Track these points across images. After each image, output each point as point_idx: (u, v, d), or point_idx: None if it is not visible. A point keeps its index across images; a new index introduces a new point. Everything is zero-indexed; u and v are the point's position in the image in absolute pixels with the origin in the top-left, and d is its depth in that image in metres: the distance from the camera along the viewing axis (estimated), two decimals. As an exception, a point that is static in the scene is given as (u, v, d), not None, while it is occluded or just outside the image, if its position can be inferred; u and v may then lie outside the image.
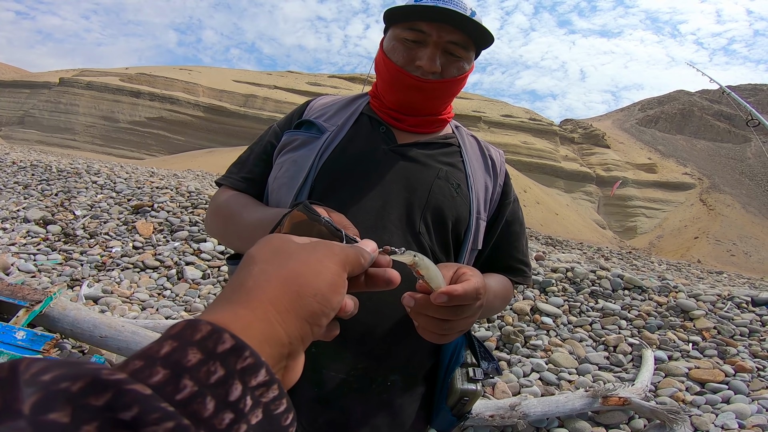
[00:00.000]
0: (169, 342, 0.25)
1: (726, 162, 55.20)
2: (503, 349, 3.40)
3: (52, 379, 0.20)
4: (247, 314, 0.30)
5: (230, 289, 0.33)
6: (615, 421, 2.57)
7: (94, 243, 4.30)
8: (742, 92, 74.19)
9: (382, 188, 0.79)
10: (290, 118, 0.94)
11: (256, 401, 0.25)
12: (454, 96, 0.89)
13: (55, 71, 52.89)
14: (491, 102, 55.79)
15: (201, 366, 0.24)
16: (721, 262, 28.33)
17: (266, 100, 48.06)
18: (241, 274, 0.35)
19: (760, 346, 3.54)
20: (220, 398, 0.23)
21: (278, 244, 0.38)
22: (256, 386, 0.26)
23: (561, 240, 17.17)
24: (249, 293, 0.32)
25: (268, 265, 0.35)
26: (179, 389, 0.23)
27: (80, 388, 0.20)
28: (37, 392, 0.19)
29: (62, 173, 6.47)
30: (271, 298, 0.32)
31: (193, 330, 0.26)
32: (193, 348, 0.25)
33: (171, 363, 0.23)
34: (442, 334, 0.58)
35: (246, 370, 0.26)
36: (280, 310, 0.32)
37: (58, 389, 0.19)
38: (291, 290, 0.33)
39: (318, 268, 0.35)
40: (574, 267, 4.51)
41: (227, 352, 0.25)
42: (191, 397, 0.22)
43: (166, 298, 3.61)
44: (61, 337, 2.48)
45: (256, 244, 0.39)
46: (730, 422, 2.57)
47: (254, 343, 0.29)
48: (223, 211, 0.85)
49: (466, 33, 0.81)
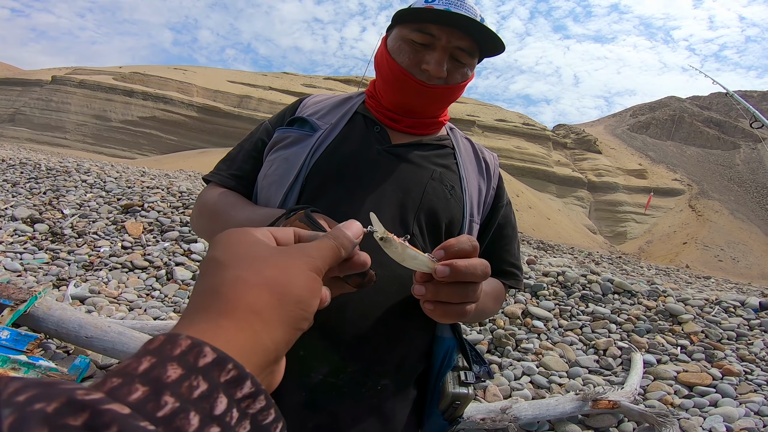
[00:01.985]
0: (148, 358, 0.24)
1: (715, 168, 56.04)
2: (494, 352, 3.40)
3: (27, 400, 0.19)
4: (230, 325, 0.29)
5: (203, 296, 0.32)
6: (605, 425, 2.58)
7: (82, 242, 4.24)
8: (732, 98, 75.39)
9: (375, 189, 0.78)
10: (282, 115, 0.92)
11: (242, 413, 0.25)
12: (453, 101, 0.89)
13: (48, 69, 52.32)
14: (485, 106, 56.13)
15: (182, 381, 0.24)
16: (709, 268, 28.70)
17: (261, 101, 47.90)
18: (212, 280, 0.33)
19: (748, 349, 3.58)
20: (204, 413, 0.23)
21: (246, 245, 0.36)
22: (242, 398, 0.25)
23: (552, 244, 17.29)
24: (228, 302, 0.31)
25: (242, 270, 0.33)
26: (160, 406, 0.22)
27: (55, 408, 0.19)
28: (13, 413, 0.19)
29: (51, 171, 6.38)
30: (253, 307, 0.31)
31: (173, 345, 0.25)
32: (173, 363, 0.24)
33: (150, 380, 0.23)
34: (457, 313, 0.56)
35: (230, 382, 0.25)
36: (264, 318, 0.31)
37: (33, 410, 0.19)
38: (272, 298, 0.32)
39: (295, 272, 0.34)
40: (565, 271, 4.53)
41: (209, 365, 0.25)
42: (173, 414, 0.22)
43: (155, 299, 3.57)
44: (45, 337, 2.43)
45: (216, 243, 0.37)
46: (718, 425, 2.59)
47: (241, 354, 0.28)
48: (210, 209, 0.82)
49: (475, 40, 0.80)
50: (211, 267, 0.34)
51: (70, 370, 2.08)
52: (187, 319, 0.30)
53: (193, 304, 0.32)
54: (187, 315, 0.31)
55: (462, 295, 0.54)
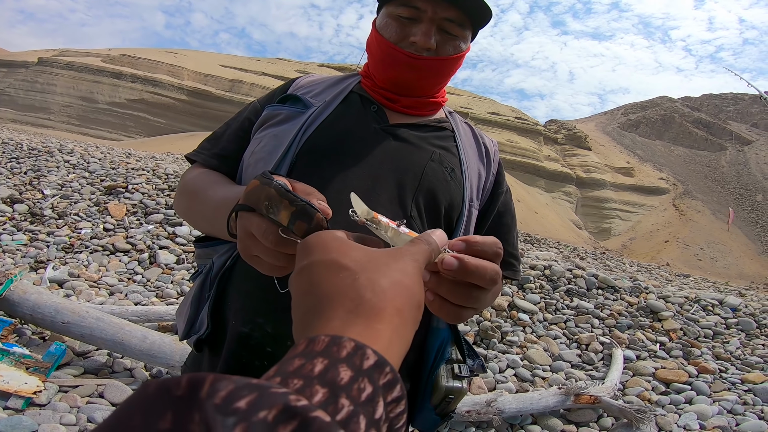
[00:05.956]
0: (320, 359, 0.25)
1: (700, 169, 57.03)
2: (480, 344, 3.43)
3: (250, 407, 0.19)
4: (384, 329, 0.30)
5: (340, 298, 0.32)
6: (585, 419, 2.63)
7: (63, 224, 4.13)
8: (723, 100, 76.59)
9: (372, 168, 0.75)
10: (273, 94, 0.89)
11: (387, 416, 0.25)
12: (449, 77, 0.86)
13: (35, 51, 50.76)
14: (479, 99, 56.04)
15: (353, 383, 0.24)
16: (689, 266, 29.37)
17: (253, 86, 47.05)
18: (341, 282, 0.33)
19: (723, 348, 3.67)
20: (368, 416, 0.23)
21: (352, 248, 0.37)
22: (390, 401, 0.26)
23: (539, 238, 17.48)
24: (373, 306, 0.31)
25: (371, 273, 0.34)
26: (338, 409, 0.22)
27: (275, 416, 0.19)
28: (240, 423, 0.18)
29: (33, 152, 6.19)
30: (396, 310, 0.32)
31: (339, 347, 0.26)
32: (343, 365, 0.25)
33: (327, 382, 0.23)
34: (453, 314, 0.49)
35: (386, 385, 0.26)
36: (404, 320, 0.32)
37: (258, 420, 0.19)
38: (405, 300, 0.33)
39: (412, 273, 0.36)
40: (551, 265, 4.57)
41: (372, 368, 0.25)
42: (348, 418, 0.22)
43: (137, 283, 3.50)
44: (20, 322, 2.37)
45: (314, 246, 0.37)
46: (692, 423, 2.65)
47: (393, 358, 0.29)
48: (189, 189, 0.79)
49: (462, 9, 0.78)
50: (332, 268, 0.35)
51: (45, 357, 2.03)
52: (338, 319, 0.30)
53: (328, 302, 0.32)
54: (328, 312, 0.31)
55: (463, 297, 0.47)
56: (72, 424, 1.86)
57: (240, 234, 0.50)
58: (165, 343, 2.27)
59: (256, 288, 0.70)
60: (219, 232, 0.70)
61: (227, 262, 0.75)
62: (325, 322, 0.30)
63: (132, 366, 2.37)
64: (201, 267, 0.83)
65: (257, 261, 0.49)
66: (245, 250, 0.50)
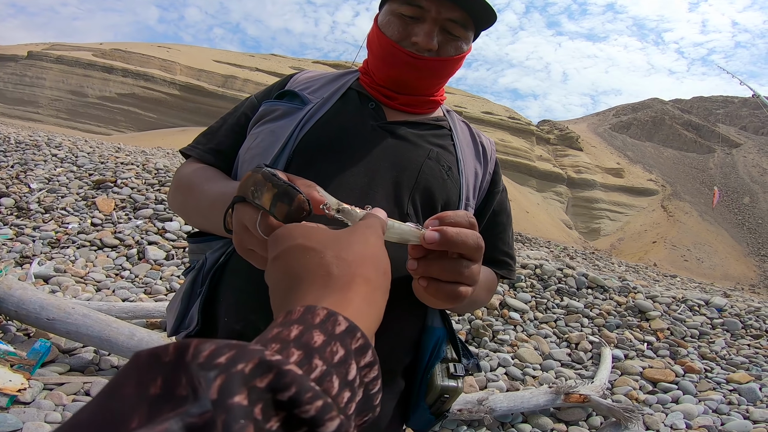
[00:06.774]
0: (296, 326, 0.26)
1: (689, 171, 57.86)
2: (472, 342, 3.44)
3: (229, 362, 0.20)
4: (354, 297, 0.32)
5: (310, 274, 0.34)
6: (574, 418, 2.65)
7: (49, 218, 4.05)
8: (713, 103, 77.67)
9: (368, 165, 0.74)
10: (270, 90, 0.88)
11: (361, 381, 0.27)
12: (448, 77, 0.86)
13: (25, 45, 49.83)
14: (473, 98, 56.20)
15: (326, 346, 0.25)
16: (676, 267, 29.83)
17: (246, 82, 46.65)
18: (309, 261, 0.35)
19: (709, 348, 3.73)
20: (341, 377, 0.25)
21: (316, 231, 0.39)
22: (364, 366, 0.27)
23: (530, 237, 17.61)
24: (341, 278, 0.33)
25: (336, 250, 0.36)
26: (312, 368, 0.24)
27: (251, 369, 0.21)
28: (219, 375, 0.20)
29: (20, 145, 6.07)
30: (364, 279, 0.34)
31: (312, 314, 0.28)
32: (316, 330, 0.26)
33: (302, 344, 0.25)
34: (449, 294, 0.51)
35: (358, 350, 0.27)
36: (373, 288, 0.34)
37: (236, 371, 0.20)
38: (372, 270, 0.35)
39: (374, 241, 0.39)
40: (542, 264, 4.60)
41: (344, 333, 0.27)
42: (322, 376, 0.24)
43: (125, 279, 3.45)
44: (5, 318, 2.32)
45: (281, 236, 0.39)
46: (679, 422, 2.69)
47: (366, 324, 0.31)
48: (185, 184, 0.79)
49: (467, 10, 0.77)
50: (299, 251, 0.37)
51: (30, 354, 1.99)
52: (311, 294, 0.32)
53: (300, 282, 0.34)
54: (305, 291, 0.33)
55: (454, 271, 0.49)
56: (57, 422, 1.82)
57: (235, 227, 0.50)
58: (153, 340, 2.24)
59: (250, 285, 0.69)
60: (214, 228, 0.71)
61: (221, 258, 0.75)
62: (301, 299, 0.32)
63: (119, 363, 2.33)
64: (194, 262, 0.82)
65: (252, 255, 0.49)
66: (240, 244, 0.50)
